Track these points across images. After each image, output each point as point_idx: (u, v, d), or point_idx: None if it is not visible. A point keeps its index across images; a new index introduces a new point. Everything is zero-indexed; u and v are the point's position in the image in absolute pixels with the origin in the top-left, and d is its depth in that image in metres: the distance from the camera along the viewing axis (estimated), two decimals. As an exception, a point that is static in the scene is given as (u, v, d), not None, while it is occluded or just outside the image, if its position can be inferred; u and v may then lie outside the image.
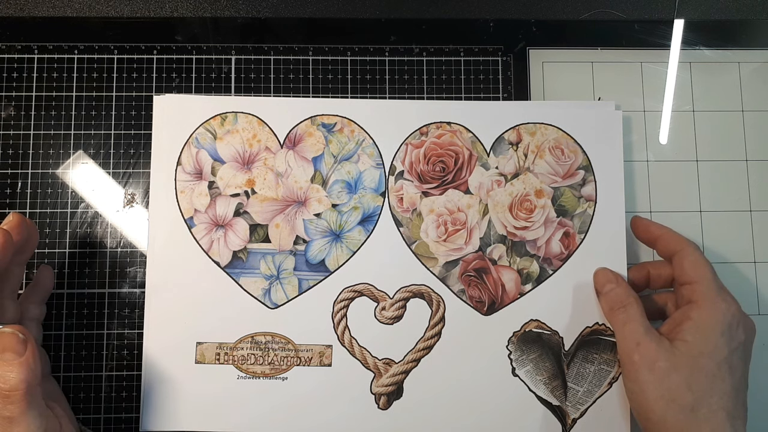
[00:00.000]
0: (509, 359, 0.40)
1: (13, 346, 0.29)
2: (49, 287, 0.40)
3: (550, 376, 0.40)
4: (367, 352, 0.40)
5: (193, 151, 0.42)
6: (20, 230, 0.34)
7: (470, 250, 0.41)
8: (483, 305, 0.41)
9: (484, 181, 0.42)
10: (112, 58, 0.44)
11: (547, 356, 0.40)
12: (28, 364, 0.29)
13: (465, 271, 0.41)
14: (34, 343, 0.30)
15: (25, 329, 0.31)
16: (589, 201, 0.41)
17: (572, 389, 0.40)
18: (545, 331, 0.41)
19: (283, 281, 0.41)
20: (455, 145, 0.42)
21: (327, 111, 0.42)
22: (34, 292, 0.39)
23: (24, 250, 0.36)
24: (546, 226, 0.41)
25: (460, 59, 0.44)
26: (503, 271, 0.41)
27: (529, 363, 0.40)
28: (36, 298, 0.39)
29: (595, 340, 0.40)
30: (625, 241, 0.41)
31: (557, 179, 0.42)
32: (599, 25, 0.45)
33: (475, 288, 0.41)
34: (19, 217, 0.35)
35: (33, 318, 0.39)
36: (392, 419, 0.40)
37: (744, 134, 0.44)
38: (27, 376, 0.29)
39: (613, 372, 0.40)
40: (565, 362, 0.40)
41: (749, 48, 0.45)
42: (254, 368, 0.40)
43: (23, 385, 0.29)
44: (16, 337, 0.30)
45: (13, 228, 0.34)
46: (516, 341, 0.41)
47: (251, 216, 0.41)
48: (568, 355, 0.40)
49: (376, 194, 0.42)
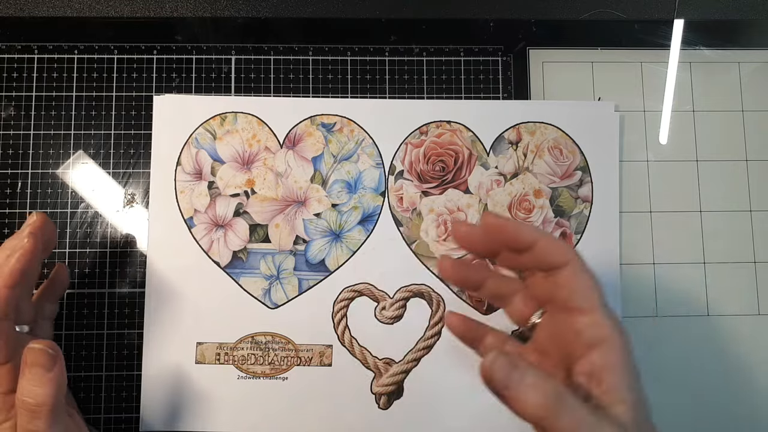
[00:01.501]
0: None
1: (42, 362, 0.29)
2: (65, 285, 0.40)
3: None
4: (367, 351, 0.40)
5: (193, 151, 0.42)
6: (44, 230, 0.34)
7: None
8: (482, 304, 0.41)
9: (483, 181, 0.42)
10: (112, 58, 0.44)
11: None
12: (56, 380, 0.29)
13: (465, 271, 0.41)
14: (62, 359, 0.30)
15: (55, 345, 0.30)
16: (585, 202, 0.41)
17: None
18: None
19: (283, 281, 0.41)
20: (455, 145, 0.42)
21: (326, 111, 0.42)
22: (50, 290, 0.39)
23: (44, 249, 0.36)
24: (544, 227, 0.41)
25: (460, 59, 0.44)
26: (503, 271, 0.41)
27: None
28: (51, 297, 0.39)
29: None
30: (618, 242, 0.41)
31: (555, 179, 0.42)
32: (599, 25, 0.45)
33: None
34: (42, 217, 0.34)
35: (47, 317, 0.39)
36: (392, 419, 0.40)
37: (744, 134, 0.44)
38: (55, 392, 0.29)
39: None
40: None
41: (749, 48, 0.45)
42: (254, 368, 0.40)
43: (51, 400, 0.29)
44: (46, 353, 0.30)
45: (38, 229, 0.33)
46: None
47: (251, 216, 0.41)
48: None
49: (376, 194, 0.42)
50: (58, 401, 0.30)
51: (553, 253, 0.28)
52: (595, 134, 0.42)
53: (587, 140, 0.42)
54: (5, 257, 0.32)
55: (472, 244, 0.30)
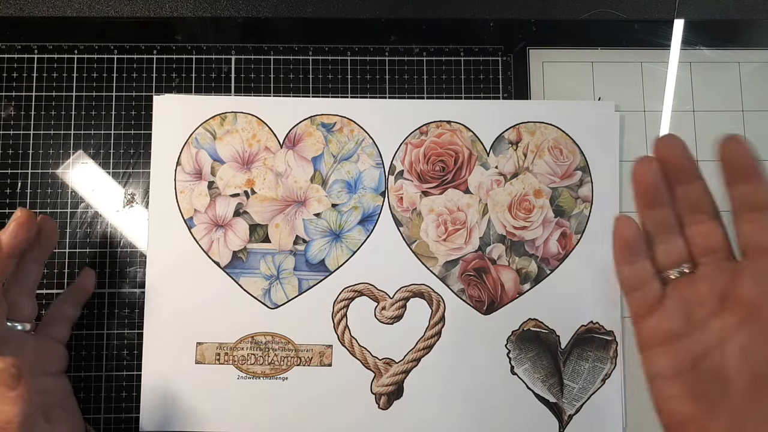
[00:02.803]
0: (508, 358, 0.40)
1: (5, 381, 0.29)
2: (89, 290, 0.41)
3: (547, 374, 0.40)
4: (367, 351, 0.40)
5: (193, 151, 0.42)
6: (28, 227, 0.34)
7: (470, 249, 0.41)
8: (483, 305, 0.41)
9: (483, 181, 0.42)
10: (112, 58, 0.44)
11: (544, 355, 0.41)
12: (21, 397, 0.29)
13: (465, 271, 0.41)
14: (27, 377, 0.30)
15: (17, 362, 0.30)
16: (585, 202, 0.41)
17: (568, 386, 0.40)
18: (543, 330, 0.41)
19: (283, 281, 0.41)
20: (455, 145, 0.42)
21: (326, 111, 0.42)
22: (73, 293, 0.40)
23: (40, 248, 0.36)
24: (544, 227, 0.41)
25: (460, 59, 0.44)
26: (502, 271, 0.41)
27: (527, 361, 0.40)
28: (73, 300, 0.40)
29: (590, 338, 0.41)
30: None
31: (555, 179, 0.42)
32: (599, 25, 0.45)
33: (474, 287, 0.41)
34: (26, 213, 0.34)
35: (66, 318, 0.39)
36: (393, 419, 0.40)
37: (744, 134, 0.44)
38: (21, 408, 0.29)
39: (606, 369, 0.40)
40: (561, 360, 0.41)
41: (749, 48, 0.45)
42: (254, 368, 0.40)
43: (17, 418, 0.29)
44: (8, 372, 0.29)
45: (21, 225, 0.34)
46: (515, 340, 0.41)
47: (251, 216, 0.41)
48: (564, 353, 0.41)
49: (376, 194, 0.42)
50: (26, 417, 0.30)
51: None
52: (595, 134, 0.42)
53: (587, 140, 0.42)
54: None
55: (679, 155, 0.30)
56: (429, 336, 0.41)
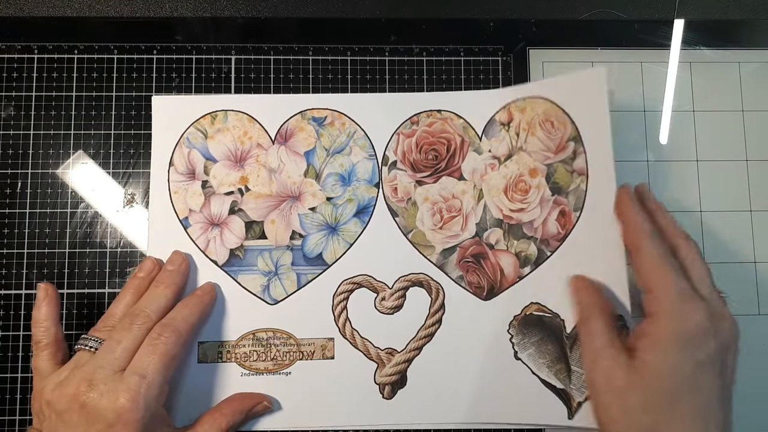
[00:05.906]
0: (511, 343, 0.40)
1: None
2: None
3: (553, 359, 0.39)
4: (369, 343, 0.41)
5: (185, 151, 0.42)
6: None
7: (467, 236, 0.41)
8: (482, 290, 0.41)
9: (477, 166, 0.42)
10: (112, 58, 0.44)
11: (549, 339, 0.40)
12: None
13: (463, 258, 0.41)
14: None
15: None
16: (581, 175, 0.40)
17: (576, 372, 0.39)
18: (546, 314, 0.40)
19: (282, 277, 0.41)
20: (447, 132, 0.42)
21: (316, 105, 0.42)
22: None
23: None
24: (542, 206, 0.41)
25: (460, 59, 0.44)
26: (501, 256, 0.41)
27: (532, 346, 0.40)
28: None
29: None
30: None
31: (549, 155, 0.41)
32: (599, 25, 0.45)
33: (473, 274, 0.41)
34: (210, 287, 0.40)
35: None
36: (397, 408, 0.40)
37: (744, 134, 0.44)
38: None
39: None
40: (568, 345, 0.39)
41: (749, 48, 0.45)
42: (257, 365, 0.40)
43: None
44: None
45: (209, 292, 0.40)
46: (517, 325, 0.40)
47: (246, 213, 0.41)
48: (570, 338, 0.39)
49: (370, 185, 0.42)
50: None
51: (631, 235, 0.36)
52: (583, 99, 0.40)
53: (577, 108, 0.40)
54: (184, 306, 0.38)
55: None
56: (430, 324, 0.41)
